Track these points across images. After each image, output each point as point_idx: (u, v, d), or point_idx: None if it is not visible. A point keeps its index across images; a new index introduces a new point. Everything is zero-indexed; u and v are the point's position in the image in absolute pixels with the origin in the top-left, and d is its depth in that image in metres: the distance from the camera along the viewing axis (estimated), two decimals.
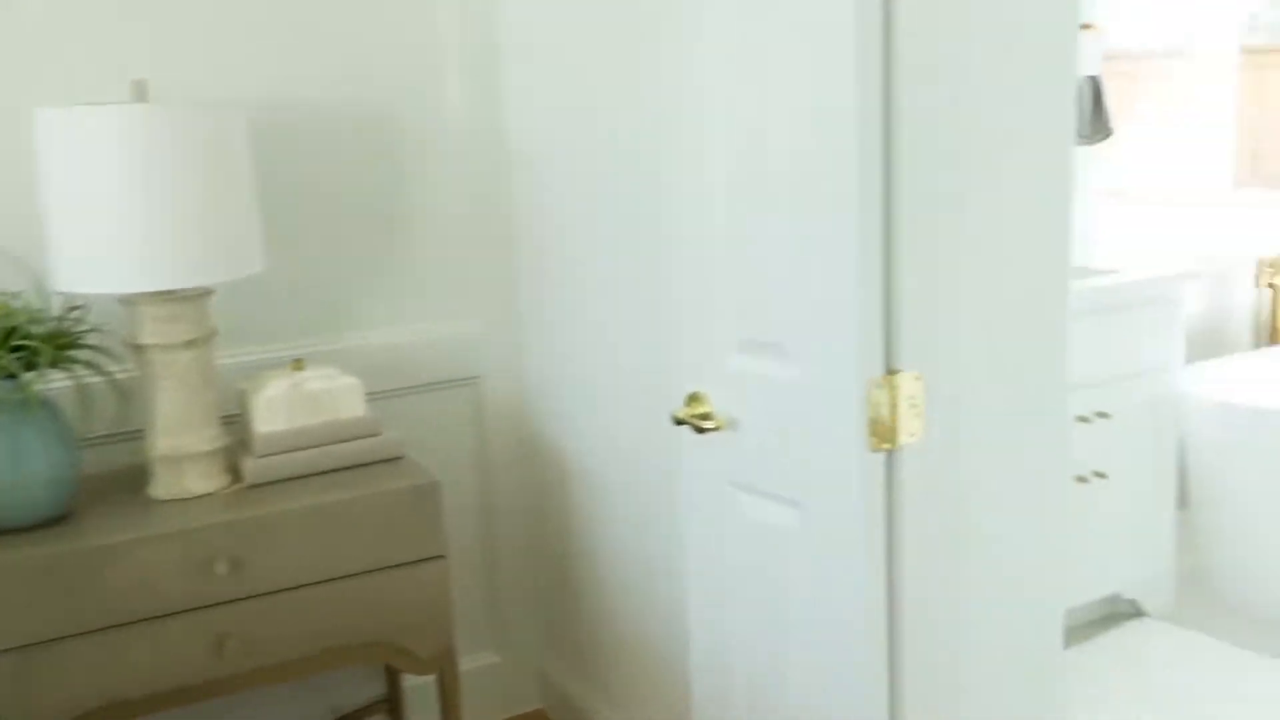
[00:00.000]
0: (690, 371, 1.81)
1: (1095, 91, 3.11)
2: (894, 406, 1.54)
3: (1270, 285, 3.66)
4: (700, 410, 1.78)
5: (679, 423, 1.79)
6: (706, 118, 1.68)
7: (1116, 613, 3.08)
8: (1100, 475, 2.85)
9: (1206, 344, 3.57)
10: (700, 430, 1.77)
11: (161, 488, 2.01)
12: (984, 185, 1.60)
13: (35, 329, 1.88)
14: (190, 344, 1.98)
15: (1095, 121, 3.14)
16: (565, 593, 2.62)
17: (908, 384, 1.55)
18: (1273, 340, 3.67)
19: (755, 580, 1.79)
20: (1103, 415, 2.83)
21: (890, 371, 1.54)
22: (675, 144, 1.76)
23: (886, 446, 1.56)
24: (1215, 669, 2.80)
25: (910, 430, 1.57)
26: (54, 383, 1.95)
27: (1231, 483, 3.14)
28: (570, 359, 2.43)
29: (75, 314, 2.01)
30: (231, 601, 1.92)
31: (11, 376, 1.83)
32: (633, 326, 2.15)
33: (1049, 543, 1.77)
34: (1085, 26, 3.02)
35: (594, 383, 2.34)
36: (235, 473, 2.09)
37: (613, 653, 2.44)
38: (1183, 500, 3.19)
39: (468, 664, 2.68)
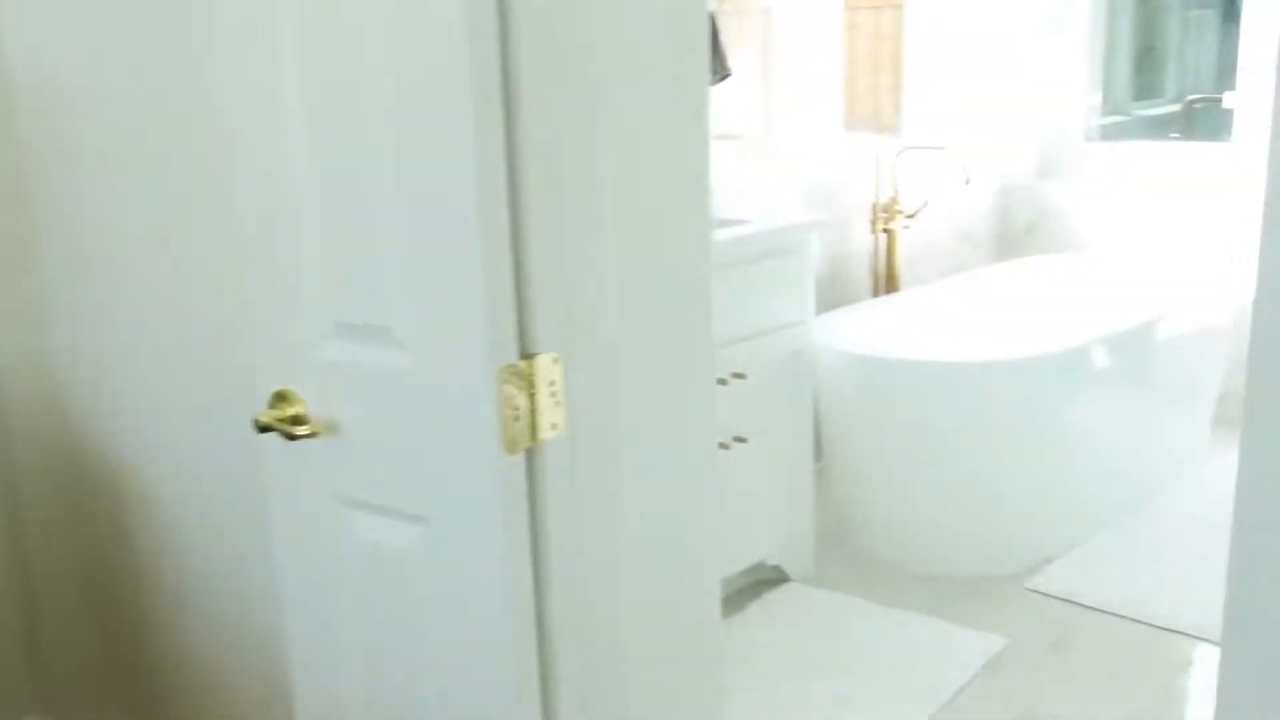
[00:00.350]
0: (273, 364, 1.51)
1: (712, 30, 3.04)
2: (532, 396, 1.34)
3: (885, 231, 3.79)
4: (290, 412, 1.49)
5: (263, 429, 1.49)
6: (281, 51, 1.38)
7: (761, 580, 3.08)
8: (740, 440, 2.80)
9: (830, 294, 3.65)
10: (291, 437, 1.48)
11: None
12: (619, 134, 1.43)
13: None
14: None
15: (713, 62, 3.07)
16: (134, 634, 2.25)
17: (546, 368, 1.35)
18: (889, 288, 3.81)
19: (375, 607, 1.55)
20: (739, 376, 2.78)
21: (525, 355, 1.33)
22: (237, 81, 1.45)
23: (526, 444, 1.35)
24: (859, 629, 2.84)
25: (552, 421, 1.37)
26: None
27: (862, 437, 3.21)
28: (120, 352, 2.04)
29: None
30: None
31: None
32: (202, 307, 1.82)
33: (703, 516, 1.69)
34: None
35: (156, 380, 1.98)
36: None
37: (200, 697, 2.12)
38: (818, 457, 3.23)
39: None
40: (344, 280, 1.40)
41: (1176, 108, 4.87)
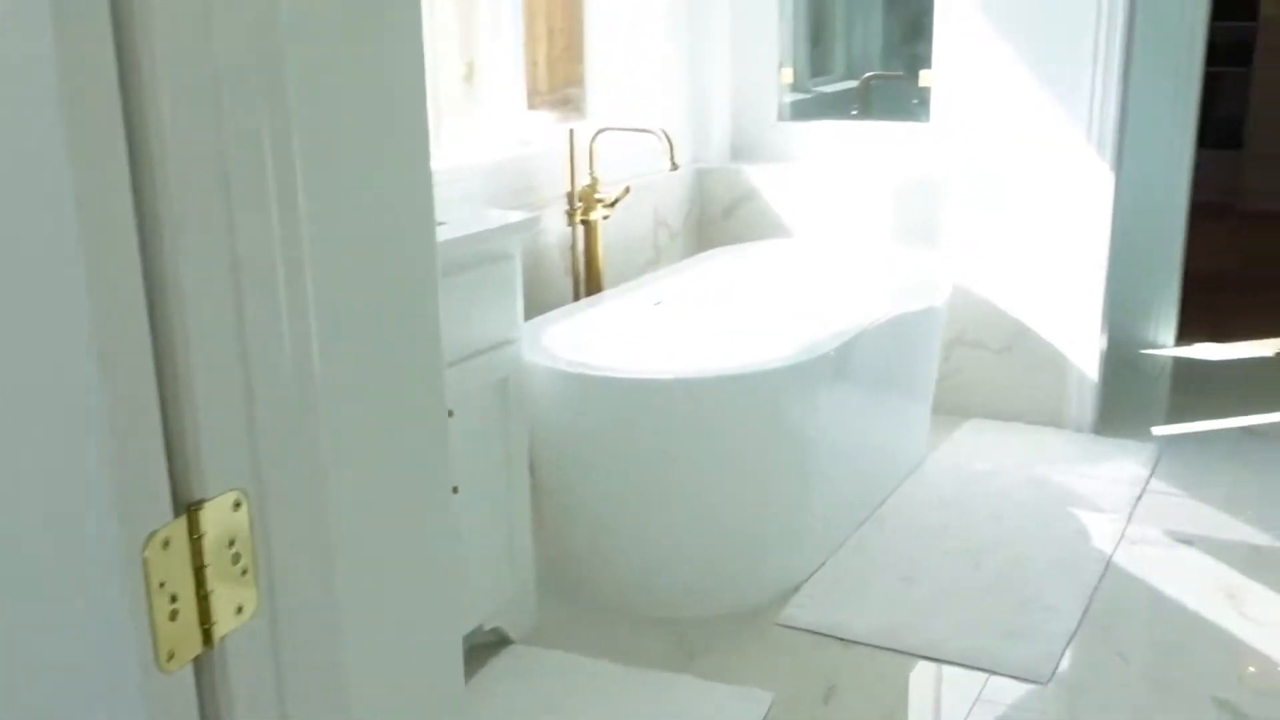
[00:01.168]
0: None
1: None
2: (200, 573, 0.79)
3: (584, 222, 3.36)
4: None
5: None
6: None
7: (478, 646, 2.59)
8: (452, 490, 2.29)
9: (527, 299, 3.17)
10: None
11: None
12: (315, 127, 0.90)
13: None
14: None
15: None
16: None
17: (222, 521, 0.81)
18: (592, 287, 3.38)
19: None
20: (447, 414, 2.26)
21: (188, 507, 0.78)
22: None
23: (194, 651, 0.81)
24: (599, 698, 2.41)
25: (237, 604, 0.83)
26: None
27: (577, 467, 2.78)
28: None
29: None
30: None
31: None
32: None
33: (445, 616, 1.18)
34: None
35: None
36: None
37: None
38: (535, 495, 2.76)
39: None
40: None
41: (853, 84, 4.73)
